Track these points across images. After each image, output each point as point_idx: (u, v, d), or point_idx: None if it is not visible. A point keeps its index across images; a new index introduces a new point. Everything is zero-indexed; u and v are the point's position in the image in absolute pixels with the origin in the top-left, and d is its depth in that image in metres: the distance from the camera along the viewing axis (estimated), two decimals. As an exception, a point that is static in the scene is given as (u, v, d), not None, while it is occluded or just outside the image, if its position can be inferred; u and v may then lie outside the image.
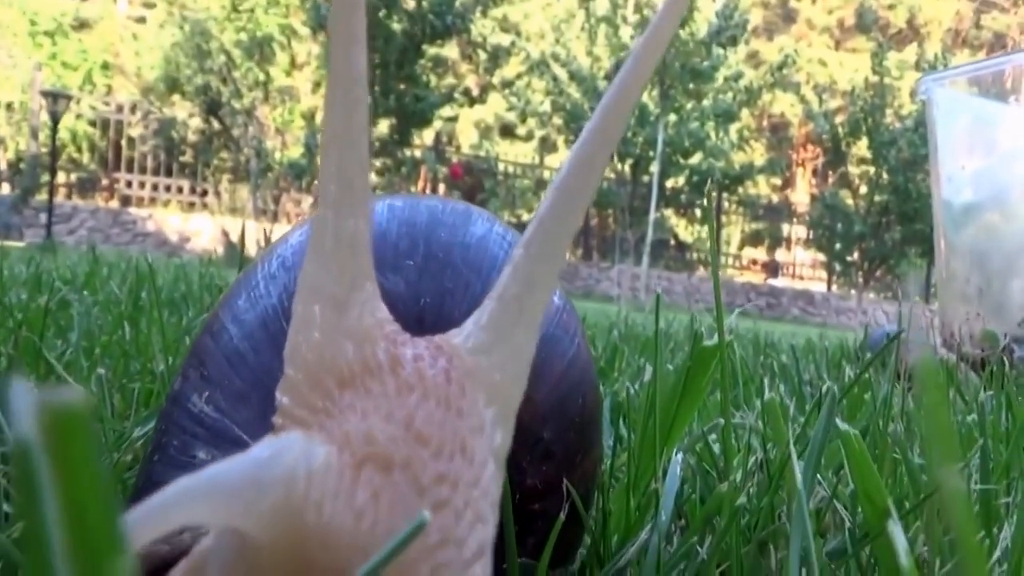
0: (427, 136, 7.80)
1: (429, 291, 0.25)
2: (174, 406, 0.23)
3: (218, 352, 0.23)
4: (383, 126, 6.92)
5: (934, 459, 0.13)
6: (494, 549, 0.27)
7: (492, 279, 0.26)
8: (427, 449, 0.14)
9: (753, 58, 11.02)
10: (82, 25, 9.03)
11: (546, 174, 8.73)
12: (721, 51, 7.19)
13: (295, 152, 7.21)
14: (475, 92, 8.24)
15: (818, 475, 0.38)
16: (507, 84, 8.79)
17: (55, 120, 6.00)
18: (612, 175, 7.67)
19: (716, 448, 0.46)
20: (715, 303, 0.28)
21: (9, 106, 7.75)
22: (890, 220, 7.87)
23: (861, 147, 8.20)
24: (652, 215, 6.99)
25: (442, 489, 0.14)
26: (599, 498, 0.33)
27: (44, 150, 7.06)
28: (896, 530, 0.15)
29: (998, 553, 0.32)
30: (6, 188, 7.31)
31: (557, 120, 7.80)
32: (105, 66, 9.05)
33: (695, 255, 8.89)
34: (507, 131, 11.12)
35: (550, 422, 0.27)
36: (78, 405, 0.06)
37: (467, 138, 10.76)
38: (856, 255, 8.24)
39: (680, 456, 0.34)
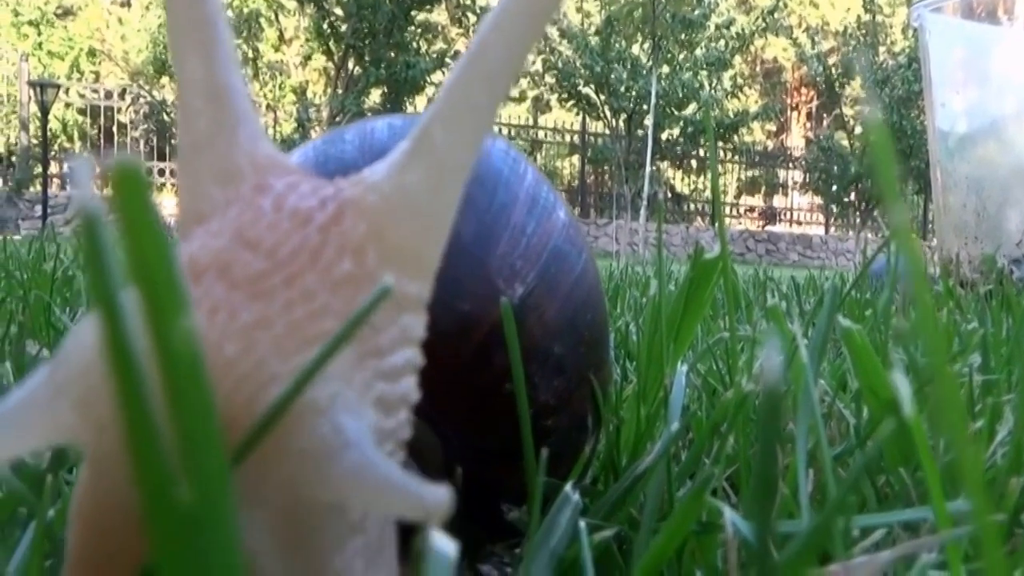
0: (420, 103, 7.72)
1: (433, 203, 0.25)
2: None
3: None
4: (375, 95, 6.86)
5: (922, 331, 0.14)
6: (505, 471, 0.28)
7: (497, 193, 0.26)
8: (256, 253, 0.14)
9: (744, 3, 10.87)
10: (66, 13, 8.92)
11: (540, 134, 8.66)
12: (711, -2, 7.09)
13: (287, 128, 7.15)
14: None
15: (821, 380, 0.39)
16: (496, 45, 8.67)
17: (44, 110, 5.95)
18: (606, 131, 7.61)
19: (721, 368, 0.47)
20: (713, 208, 0.29)
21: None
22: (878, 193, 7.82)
23: (855, 87, 8.12)
24: (648, 168, 6.95)
25: (289, 292, 0.13)
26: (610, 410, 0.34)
27: (35, 141, 7.01)
28: (900, 379, 0.15)
29: (1003, 433, 0.33)
30: None
31: (549, 79, 7.72)
32: (92, 53, 8.96)
33: (692, 206, 8.86)
34: (498, 93, 10.96)
35: (561, 337, 0.27)
36: (134, 164, 0.06)
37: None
38: (853, 196, 8.21)
39: (685, 368, 0.35)
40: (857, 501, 0.30)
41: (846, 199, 8.34)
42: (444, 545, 0.10)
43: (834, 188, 8.30)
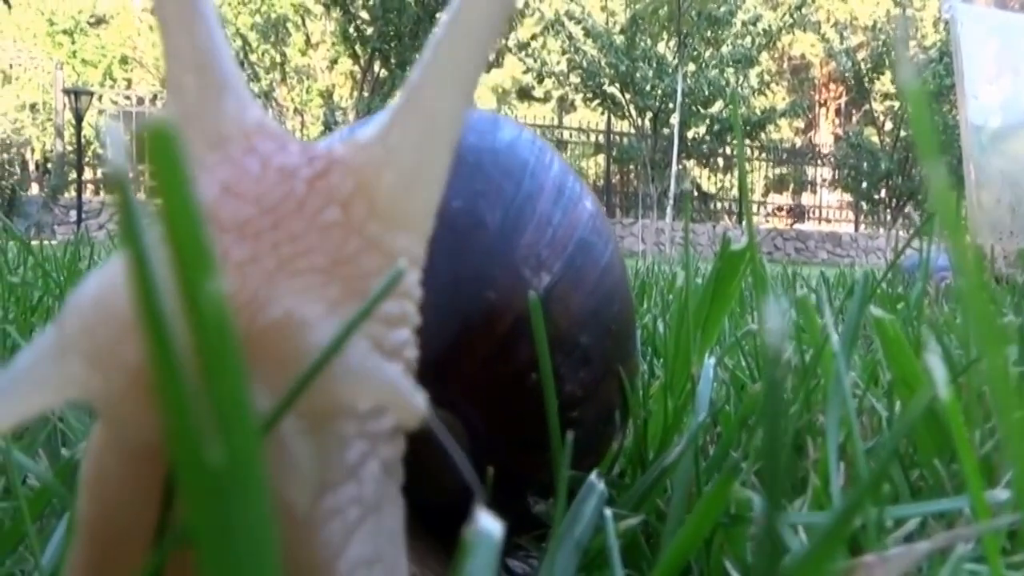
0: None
1: (460, 194, 0.25)
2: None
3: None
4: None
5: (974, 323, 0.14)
6: (526, 463, 0.27)
7: (523, 183, 0.26)
8: (243, 202, 0.14)
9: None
10: (99, 21, 9.10)
11: (565, 134, 8.65)
12: (737, -6, 7.04)
13: (314, 131, 7.22)
14: (491, 56, 8.16)
15: (851, 372, 0.39)
16: (522, 46, 8.69)
17: (79, 118, 6.07)
18: (632, 130, 7.58)
19: (745, 364, 0.46)
20: (741, 200, 0.29)
21: (33, 107, 7.85)
22: (917, 155, 7.69)
23: (885, 82, 8.01)
24: (674, 167, 6.91)
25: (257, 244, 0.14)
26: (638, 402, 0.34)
27: (70, 148, 7.15)
28: (935, 362, 0.15)
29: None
30: (35, 188, 7.43)
31: (574, 79, 7.70)
32: (124, 60, 9.12)
33: (719, 204, 8.79)
34: (524, 94, 11.01)
35: (587, 328, 0.27)
36: (168, 126, 0.07)
37: (485, 103, 10.68)
38: (883, 193, 8.09)
39: (712, 360, 0.34)
40: (890, 494, 0.29)
41: (876, 196, 8.22)
42: (490, 525, 0.10)
43: (864, 185, 8.18)
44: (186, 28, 0.15)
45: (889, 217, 8.11)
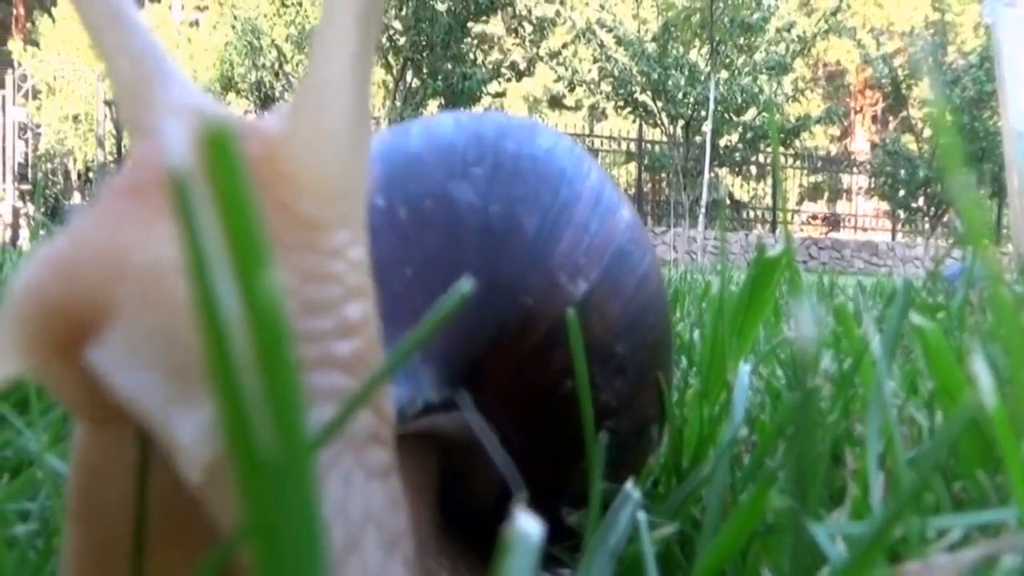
0: (475, 113, 7.79)
1: (498, 199, 0.25)
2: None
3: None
4: (432, 107, 6.95)
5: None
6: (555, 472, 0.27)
7: (561, 190, 0.26)
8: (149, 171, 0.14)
9: (805, 5, 10.66)
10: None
11: (596, 143, 8.64)
12: (772, 1, 6.98)
13: (347, 140, 7.29)
14: (522, 65, 8.19)
15: (891, 382, 0.38)
16: (554, 55, 8.71)
17: (119, 129, 6.22)
18: (664, 138, 7.55)
19: (780, 374, 0.46)
20: (774, 206, 0.28)
21: (76, 118, 8.06)
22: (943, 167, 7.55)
23: (923, 88, 7.88)
24: (707, 175, 6.86)
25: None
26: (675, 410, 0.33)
27: (111, 158, 7.32)
28: (980, 368, 0.15)
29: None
30: (77, 197, 7.62)
31: (605, 87, 7.70)
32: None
33: (752, 213, 8.70)
34: (555, 102, 11.03)
35: (623, 337, 0.27)
36: (225, 124, 0.07)
37: (516, 112, 10.72)
38: (921, 201, 7.95)
39: (748, 367, 0.34)
40: (931, 505, 0.29)
41: (914, 204, 8.09)
42: (529, 526, 0.10)
43: (901, 193, 8.06)
44: (116, 29, 0.16)
45: (927, 226, 7.97)
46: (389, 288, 0.24)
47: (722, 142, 7.50)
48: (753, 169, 8.41)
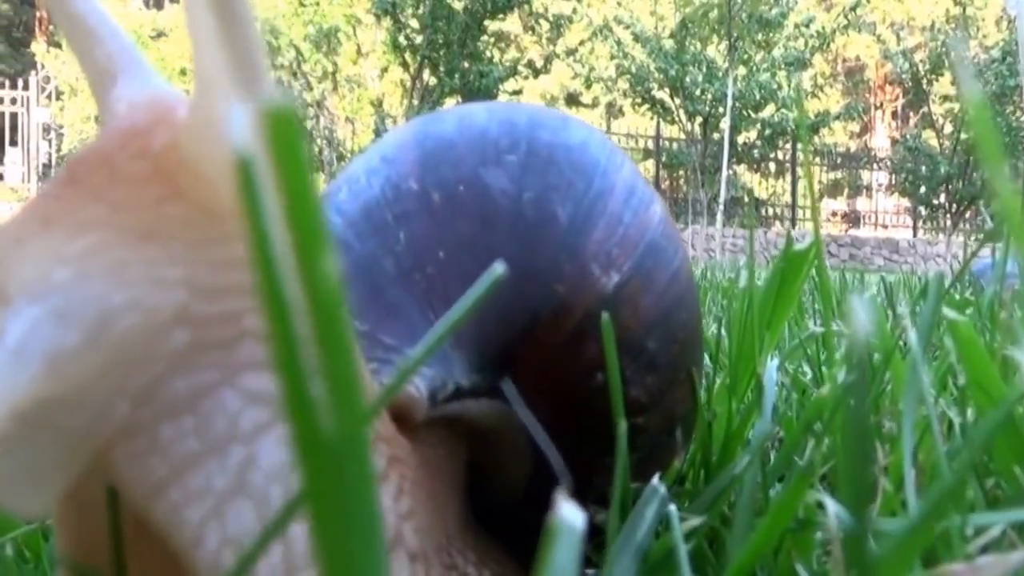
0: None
1: (532, 186, 0.25)
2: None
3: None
4: (449, 105, 6.96)
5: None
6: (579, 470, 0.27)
7: (595, 180, 0.26)
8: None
9: (824, 0, 10.58)
10: (160, 34, 9.41)
11: (614, 140, 8.61)
12: (790, -4, 6.93)
13: (365, 139, 7.33)
14: (539, 63, 8.19)
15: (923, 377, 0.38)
16: (570, 52, 8.70)
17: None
18: (681, 135, 7.52)
19: (807, 369, 0.45)
20: (793, 202, 0.28)
21: (97, 119, 8.13)
22: (979, 158, 7.46)
23: (944, 84, 7.79)
24: (725, 172, 6.82)
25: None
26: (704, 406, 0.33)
27: (130, 156, 7.37)
28: (1021, 356, 0.15)
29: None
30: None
31: (623, 84, 7.68)
32: (183, 72, 9.40)
33: (771, 210, 8.65)
34: (573, 100, 11.02)
35: (655, 332, 0.26)
36: (287, 107, 0.07)
37: (532, 110, 10.68)
38: (943, 198, 7.86)
39: (775, 362, 0.34)
40: (968, 502, 0.28)
41: (935, 201, 7.99)
42: (572, 516, 0.10)
43: (922, 190, 7.97)
44: (81, 30, 0.17)
45: (949, 223, 7.88)
46: (421, 270, 0.24)
47: (740, 139, 7.45)
48: (772, 166, 8.36)
